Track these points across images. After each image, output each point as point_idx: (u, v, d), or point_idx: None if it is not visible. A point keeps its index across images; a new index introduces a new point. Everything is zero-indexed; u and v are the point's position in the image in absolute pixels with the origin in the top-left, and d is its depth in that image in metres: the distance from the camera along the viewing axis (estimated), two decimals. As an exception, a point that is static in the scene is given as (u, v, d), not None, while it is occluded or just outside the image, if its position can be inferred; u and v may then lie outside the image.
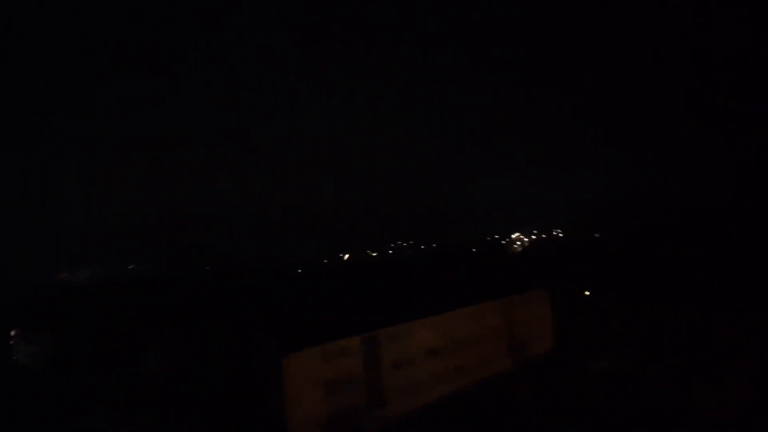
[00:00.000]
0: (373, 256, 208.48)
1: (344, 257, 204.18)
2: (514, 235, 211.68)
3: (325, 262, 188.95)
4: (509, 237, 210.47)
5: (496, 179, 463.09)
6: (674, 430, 25.70)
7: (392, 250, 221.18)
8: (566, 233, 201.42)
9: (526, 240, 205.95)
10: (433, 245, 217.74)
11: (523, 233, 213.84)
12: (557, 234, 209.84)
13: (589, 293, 64.79)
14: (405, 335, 33.73)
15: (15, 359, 54.36)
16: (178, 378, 39.43)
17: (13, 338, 57.10)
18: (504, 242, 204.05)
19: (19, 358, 54.31)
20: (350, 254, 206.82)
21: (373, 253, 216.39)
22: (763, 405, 26.79)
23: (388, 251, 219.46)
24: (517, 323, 41.60)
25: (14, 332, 57.43)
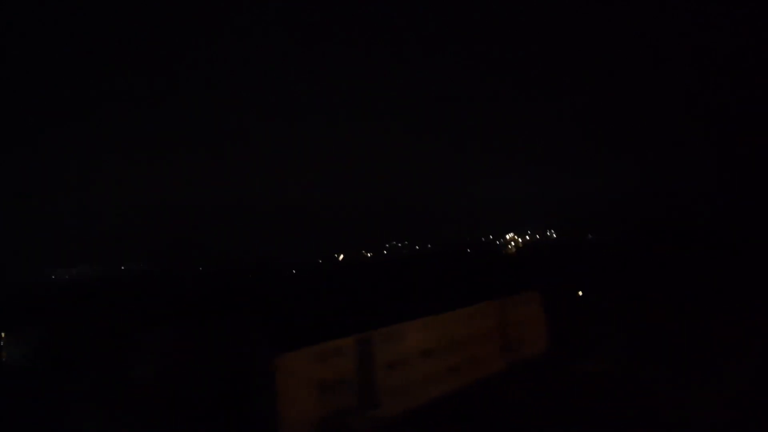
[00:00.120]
0: (368, 257, 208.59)
1: (339, 257, 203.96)
2: (508, 236, 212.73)
3: (320, 262, 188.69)
4: (503, 238, 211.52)
5: (491, 180, 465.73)
6: (668, 431, 25.81)
7: (387, 251, 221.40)
8: (560, 234, 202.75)
9: (520, 241, 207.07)
10: (428, 246, 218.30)
11: (518, 234, 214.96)
12: (551, 235, 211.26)
13: (582, 294, 65.19)
14: (399, 336, 33.66)
15: (3, 359, 53.61)
16: (170, 378, 39.05)
17: (2, 338, 56.32)
18: (498, 243, 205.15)
19: (7, 358, 53.57)
20: (345, 254, 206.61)
21: (368, 253, 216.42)
22: (758, 405, 26.97)
23: (383, 251, 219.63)
24: (510, 324, 41.67)
25: (3, 332, 56.65)
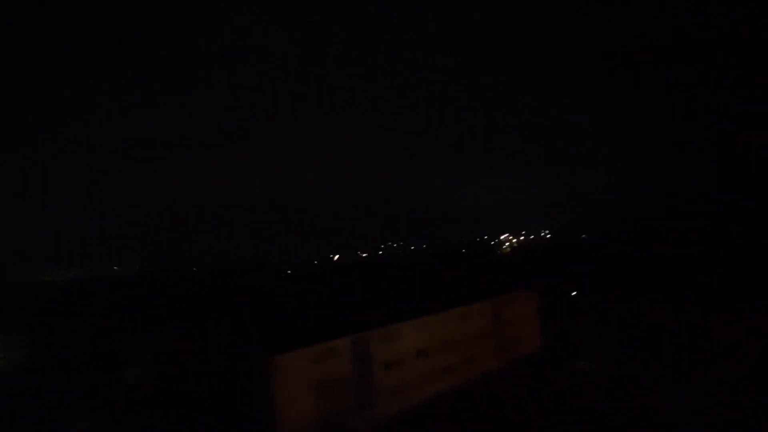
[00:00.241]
0: (363, 257, 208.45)
1: (334, 258, 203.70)
2: (503, 236, 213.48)
3: (315, 263, 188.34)
4: (498, 238, 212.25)
5: (486, 181, 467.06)
6: (662, 430, 26.08)
7: (382, 251, 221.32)
8: (554, 234, 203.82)
9: (515, 241, 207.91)
10: (423, 246, 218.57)
11: (512, 234, 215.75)
12: (545, 235, 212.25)
13: (577, 293, 65.74)
14: (395, 336, 33.86)
15: (0, 361, 53.10)
16: (167, 379, 38.98)
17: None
18: (493, 243, 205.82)
19: (4, 359, 53.06)
20: (340, 255, 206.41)
21: (363, 253, 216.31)
22: (757, 405, 27.31)
23: (378, 252, 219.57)
24: (506, 323, 42.00)
25: (0, 333, 56.11)
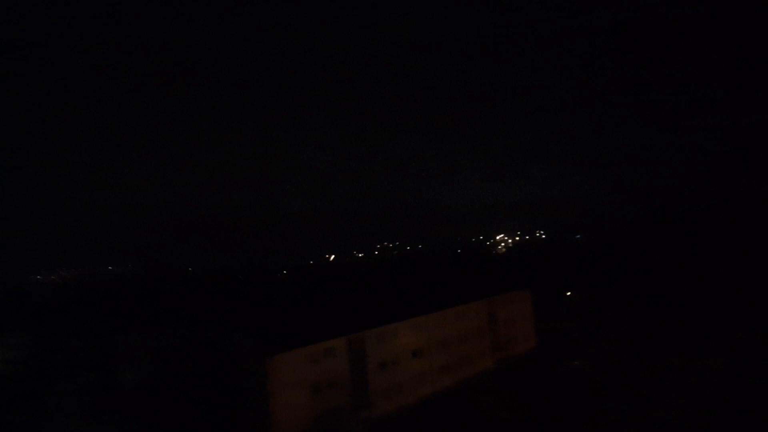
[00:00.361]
0: (359, 257, 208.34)
1: (330, 258, 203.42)
2: (498, 237, 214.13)
3: (311, 263, 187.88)
4: (493, 238, 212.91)
5: (482, 181, 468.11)
6: (656, 428, 26.23)
7: (378, 251, 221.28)
8: (549, 235, 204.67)
9: (510, 241, 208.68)
10: (419, 246, 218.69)
11: (507, 234, 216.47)
12: (540, 235, 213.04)
13: (571, 293, 66.05)
14: (390, 336, 33.86)
15: None
16: (160, 380, 38.67)
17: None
18: (488, 243, 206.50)
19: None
20: (336, 255, 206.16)
21: (359, 253, 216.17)
22: (744, 402, 27.57)
23: (374, 252, 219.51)
24: (500, 323, 42.18)
25: None
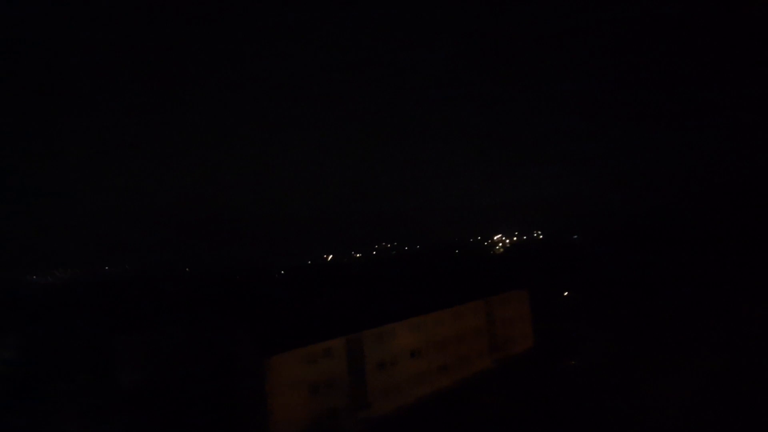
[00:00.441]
0: (357, 257, 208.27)
1: (328, 258, 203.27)
2: (496, 237, 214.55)
3: (309, 263, 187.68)
4: (491, 239, 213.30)
5: (480, 182, 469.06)
6: (653, 427, 26.39)
7: (376, 251, 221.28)
8: (546, 235, 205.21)
9: (508, 241, 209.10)
10: (417, 246, 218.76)
11: (505, 235, 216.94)
12: (538, 236, 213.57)
13: (568, 293, 66.32)
14: (389, 336, 33.91)
15: None
16: (159, 380, 38.66)
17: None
18: (486, 243, 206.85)
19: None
20: (334, 255, 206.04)
21: (357, 254, 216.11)
22: (739, 400, 27.78)
23: (373, 252, 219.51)
24: (498, 323, 42.30)
25: None
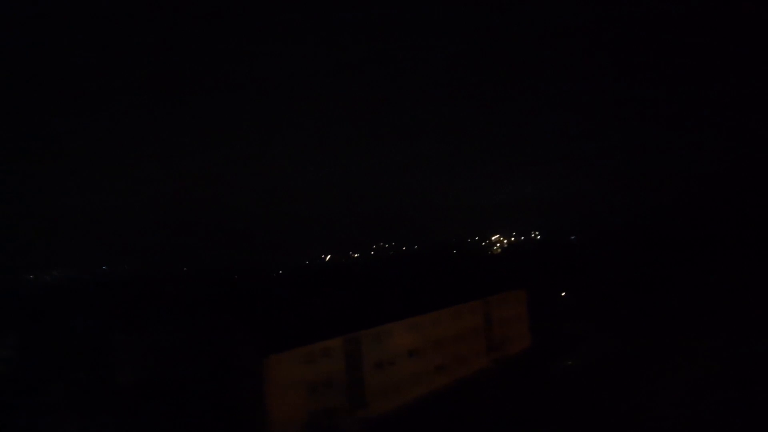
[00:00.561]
0: (355, 258, 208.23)
1: (325, 258, 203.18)
2: (493, 237, 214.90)
3: (307, 263, 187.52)
4: (489, 239, 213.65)
5: (478, 182, 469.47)
6: (651, 427, 26.47)
7: (374, 252, 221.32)
8: (544, 235, 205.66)
9: (506, 242, 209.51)
10: (415, 247, 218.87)
11: (503, 235, 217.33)
12: (536, 236, 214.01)
13: (566, 294, 66.49)
14: (387, 336, 33.94)
15: None
16: (157, 380, 38.53)
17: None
18: (484, 244, 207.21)
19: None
20: (332, 255, 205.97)
21: (354, 254, 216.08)
22: (737, 400, 27.90)
23: (370, 252, 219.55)
24: (496, 323, 42.39)
25: None
